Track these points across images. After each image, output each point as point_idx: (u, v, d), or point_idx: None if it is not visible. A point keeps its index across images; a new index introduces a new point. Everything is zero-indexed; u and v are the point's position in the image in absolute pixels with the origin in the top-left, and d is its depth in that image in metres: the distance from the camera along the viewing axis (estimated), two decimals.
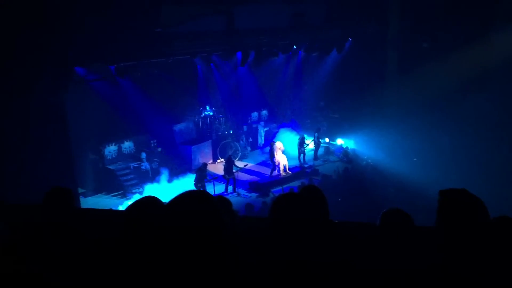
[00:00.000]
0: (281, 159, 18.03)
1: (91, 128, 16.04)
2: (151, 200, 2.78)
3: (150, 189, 16.51)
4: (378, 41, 21.57)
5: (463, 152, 17.82)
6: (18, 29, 11.32)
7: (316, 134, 20.08)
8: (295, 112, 23.82)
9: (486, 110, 18.94)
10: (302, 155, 19.55)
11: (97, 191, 16.74)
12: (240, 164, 17.71)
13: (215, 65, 19.89)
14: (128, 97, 17.25)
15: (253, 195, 16.81)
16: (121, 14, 13.42)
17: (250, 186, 17.31)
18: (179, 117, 19.94)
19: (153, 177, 17.48)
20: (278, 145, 18.08)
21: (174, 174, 17.80)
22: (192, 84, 20.13)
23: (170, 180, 17.22)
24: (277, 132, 22.15)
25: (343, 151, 20.72)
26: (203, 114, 20.36)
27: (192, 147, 19.16)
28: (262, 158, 20.28)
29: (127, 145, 17.95)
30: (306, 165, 19.46)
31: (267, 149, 19.46)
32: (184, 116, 20.18)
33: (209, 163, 18.80)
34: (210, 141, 20.07)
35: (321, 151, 20.62)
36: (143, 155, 17.60)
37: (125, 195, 16.42)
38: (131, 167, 17.36)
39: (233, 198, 15.46)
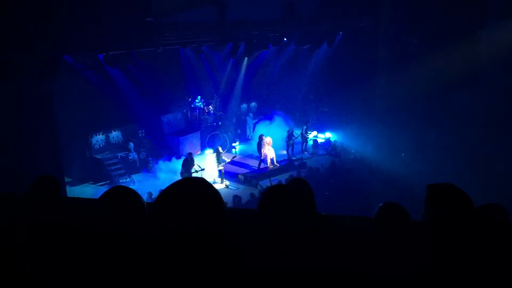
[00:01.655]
0: (268, 152, 18.04)
1: (78, 117, 15.91)
2: (125, 191, 2.71)
3: (138, 179, 16.49)
4: (368, 35, 21.59)
5: (451, 148, 17.95)
6: (6, 17, 11.14)
7: (304, 127, 20.09)
8: (285, 103, 23.79)
9: (475, 106, 19.10)
10: (290, 148, 19.57)
11: (83, 180, 16.62)
12: (228, 156, 17.66)
13: (205, 56, 19.78)
14: (117, 86, 17.13)
15: (241, 187, 16.83)
16: (111, 3, 13.28)
17: (238, 178, 17.31)
18: (168, 107, 19.83)
19: (140, 167, 17.40)
20: (268, 140, 18.08)
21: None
22: (181, 74, 20.01)
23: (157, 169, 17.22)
24: (257, 122, 22.02)
25: (331, 144, 20.78)
26: (192, 105, 20.28)
27: (180, 138, 19.04)
28: (251, 150, 20.26)
29: (115, 134, 17.82)
30: (294, 158, 19.50)
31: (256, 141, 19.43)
32: (172, 106, 20.08)
33: (197, 154, 18.74)
34: (198, 132, 19.96)
35: (309, 144, 20.65)
36: (131, 145, 17.51)
37: (112, 184, 16.33)
38: (119, 156, 17.25)
39: (221, 190, 15.42)
